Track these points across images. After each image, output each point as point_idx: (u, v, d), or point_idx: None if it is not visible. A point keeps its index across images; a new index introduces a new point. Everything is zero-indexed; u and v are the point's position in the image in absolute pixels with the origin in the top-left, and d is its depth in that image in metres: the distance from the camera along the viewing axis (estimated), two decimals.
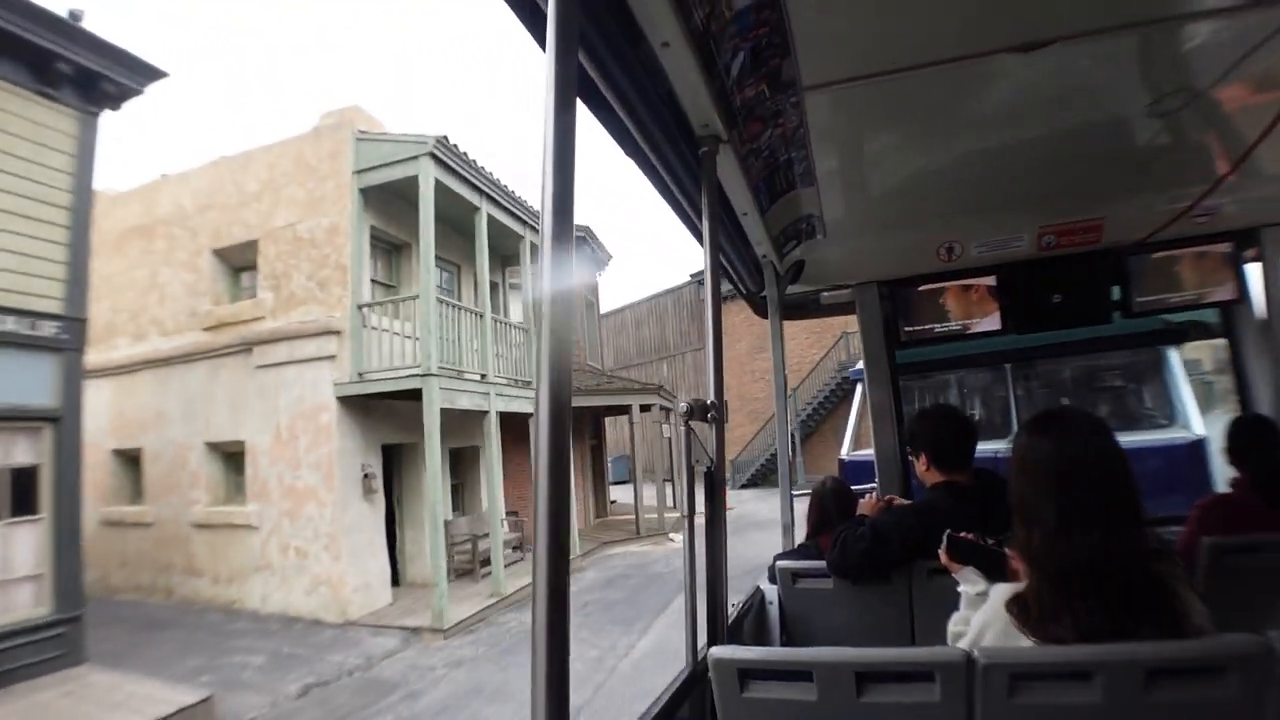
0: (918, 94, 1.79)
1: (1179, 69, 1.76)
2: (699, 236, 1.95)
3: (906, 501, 2.38)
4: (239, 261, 10.72)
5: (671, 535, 15.74)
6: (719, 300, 1.82)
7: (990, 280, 2.82)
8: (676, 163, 1.71)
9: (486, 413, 10.25)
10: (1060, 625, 1.04)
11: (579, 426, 17.03)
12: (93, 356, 12.15)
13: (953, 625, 1.43)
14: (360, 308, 9.41)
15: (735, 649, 1.31)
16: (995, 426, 5.95)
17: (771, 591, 2.34)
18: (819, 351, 22.76)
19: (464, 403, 9.80)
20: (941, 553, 1.55)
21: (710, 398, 1.73)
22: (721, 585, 1.74)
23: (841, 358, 21.36)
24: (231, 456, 10.36)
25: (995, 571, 1.40)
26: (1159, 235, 2.55)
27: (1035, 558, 1.10)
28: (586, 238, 18.31)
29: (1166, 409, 5.31)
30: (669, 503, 20.32)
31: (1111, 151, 2.21)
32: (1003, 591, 1.17)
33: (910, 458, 2.23)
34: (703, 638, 1.66)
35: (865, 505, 2.34)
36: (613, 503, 20.21)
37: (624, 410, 16.83)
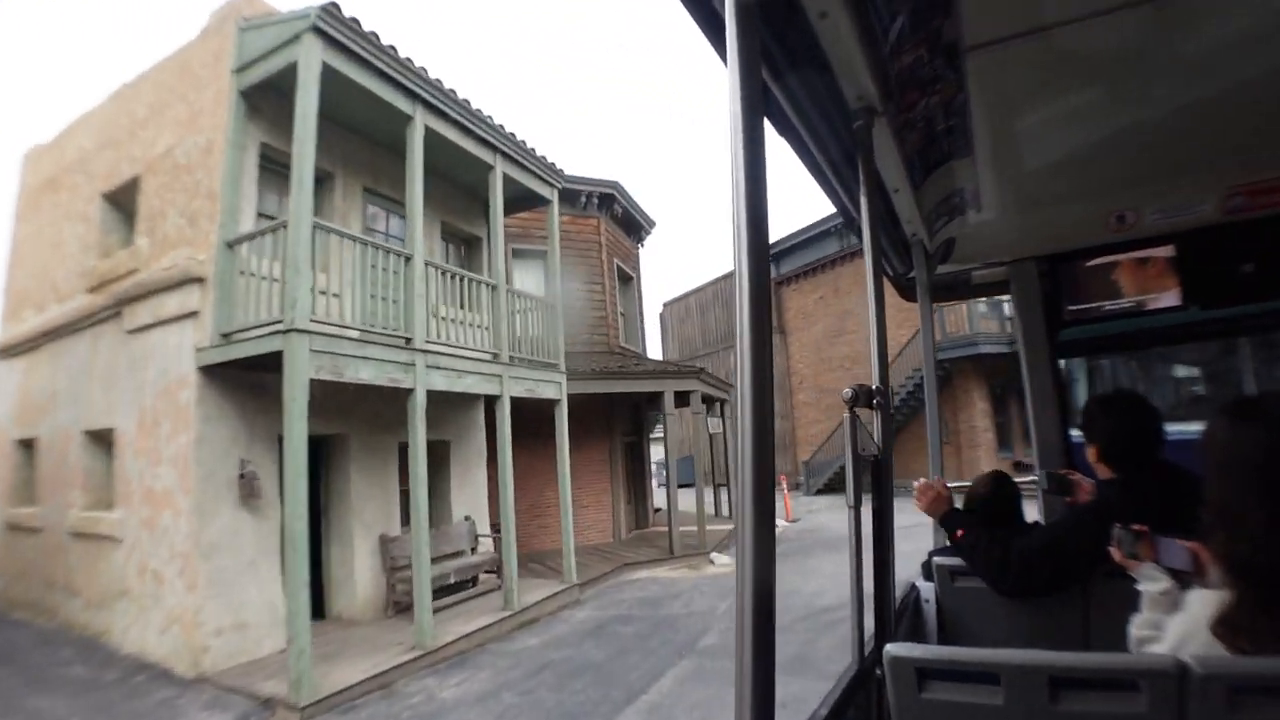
0: (1089, 46, 1.61)
1: None
2: (848, 217, 2.06)
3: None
4: (129, 204, 8.37)
5: (714, 557, 12.37)
6: (881, 283, 1.77)
7: (1169, 251, 2.52)
8: (829, 138, 1.66)
9: (462, 397, 7.34)
10: (1276, 645, 0.90)
11: (600, 418, 13.96)
12: (8, 330, 10.47)
13: (1136, 629, 1.29)
14: (231, 245, 6.74)
15: (913, 646, 1.25)
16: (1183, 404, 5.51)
17: (928, 589, 2.17)
18: (907, 331, 18.67)
19: (407, 381, 7.02)
20: (1113, 549, 1.43)
21: (875, 383, 1.63)
22: (889, 577, 1.66)
23: (936, 337, 17.22)
24: (107, 447, 7.99)
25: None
26: None
27: (1238, 566, 0.97)
28: (616, 194, 15.24)
29: None
30: (720, 510, 16.97)
31: None
32: (1204, 603, 1.05)
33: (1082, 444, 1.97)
34: (868, 634, 1.57)
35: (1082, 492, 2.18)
36: (656, 511, 16.99)
37: (682, 400, 13.67)
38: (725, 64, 0.91)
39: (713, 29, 1.13)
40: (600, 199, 15.02)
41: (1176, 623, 1.11)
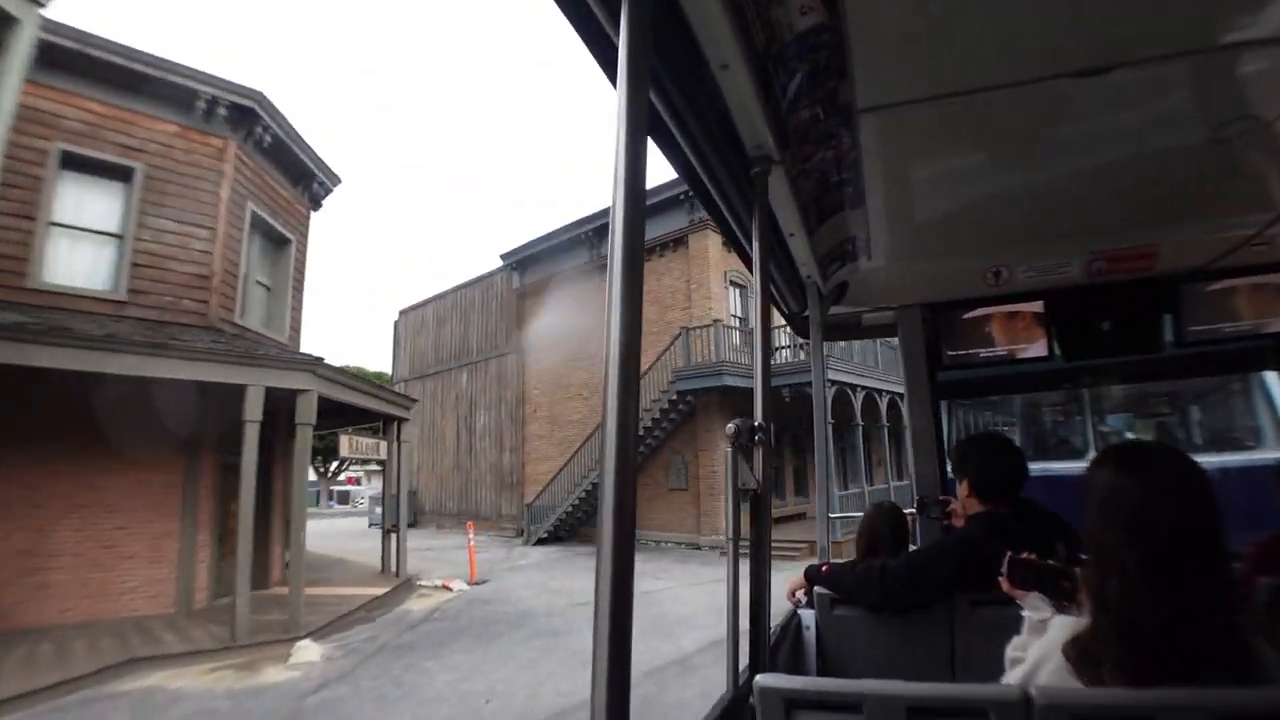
0: (973, 118, 1.75)
1: (1243, 96, 1.71)
2: (745, 257, 2.01)
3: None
4: None
5: (301, 646, 7.71)
6: (768, 321, 1.79)
7: (1038, 306, 2.69)
8: (728, 183, 1.68)
9: None
10: (1123, 675, 0.97)
11: (165, 421, 8.82)
12: None
13: (1011, 650, 1.31)
14: None
15: (782, 677, 1.26)
16: (1046, 447, 5.88)
17: (809, 616, 2.17)
18: (645, 357, 15.82)
19: None
20: (1002, 579, 1.41)
21: (758, 420, 1.67)
22: (765, 609, 1.71)
23: (678, 364, 14.42)
24: None
25: (1063, 594, 1.29)
26: (1216, 264, 2.44)
27: (1106, 603, 1.02)
28: (261, 112, 10.49)
29: (1251, 427, 4.88)
30: (390, 564, 12.02)
31: (1169, 177, 2.11)
32: (1061, 627, 1.14)
33: (954, 480, 2.14)
34: (744, 662, 1.59)
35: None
36: (288, 566, 11.83)
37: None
38: (614, 84, 0.94)
39: (607, 59, 1.13)
40: (234, 113, 10.22)
41: (1037, 645, 1.19)
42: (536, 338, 18.99)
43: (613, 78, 0.95)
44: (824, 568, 2.11)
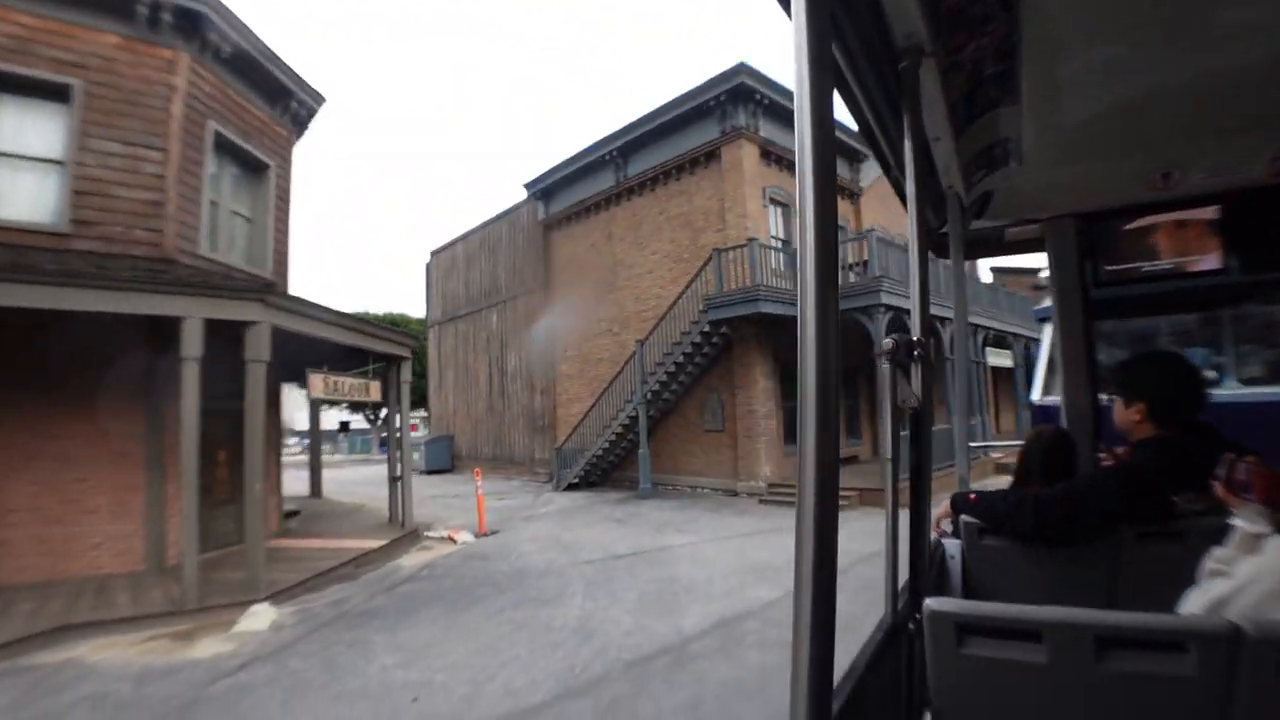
0: None
1: None
2: (888, 164, 1.94)
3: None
4: None
5: (255, 611, 6.76)
6: (925, 233, 1.71)
7: (1213, 212, 2.41)
8: (874, 82, 1.55)
9: None
10: None
11: (121, 360, 7.86)
12: None
13: (1211, 561, 1.23)
14: None
15: (954, 601, 1.23)
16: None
17: (954, 546, 2.07)
18: (677, 287, 14.05)
19: None
20: (1217, 483, 1.34)
21: (916, 335, 1.57)
22: (926, 532, 1.65)
23: (708, 290, 12.66)
24: None
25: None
26: None
27: None
28: (214, 18, 9.11)
29: None
30: (399, 513, 11.01)
31: None
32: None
33: (1112, 404, 1.97)
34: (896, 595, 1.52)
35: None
36: (289, 515, 11.08)
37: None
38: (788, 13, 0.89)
39: None
40: (182, 20, 8.90)
41: (1248, 564, 1.10)
42: (564, 271, 17.51)
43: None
44: (972, 496, 2.00)
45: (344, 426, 42.38)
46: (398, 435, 11.10)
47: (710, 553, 8.22)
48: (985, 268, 23.79)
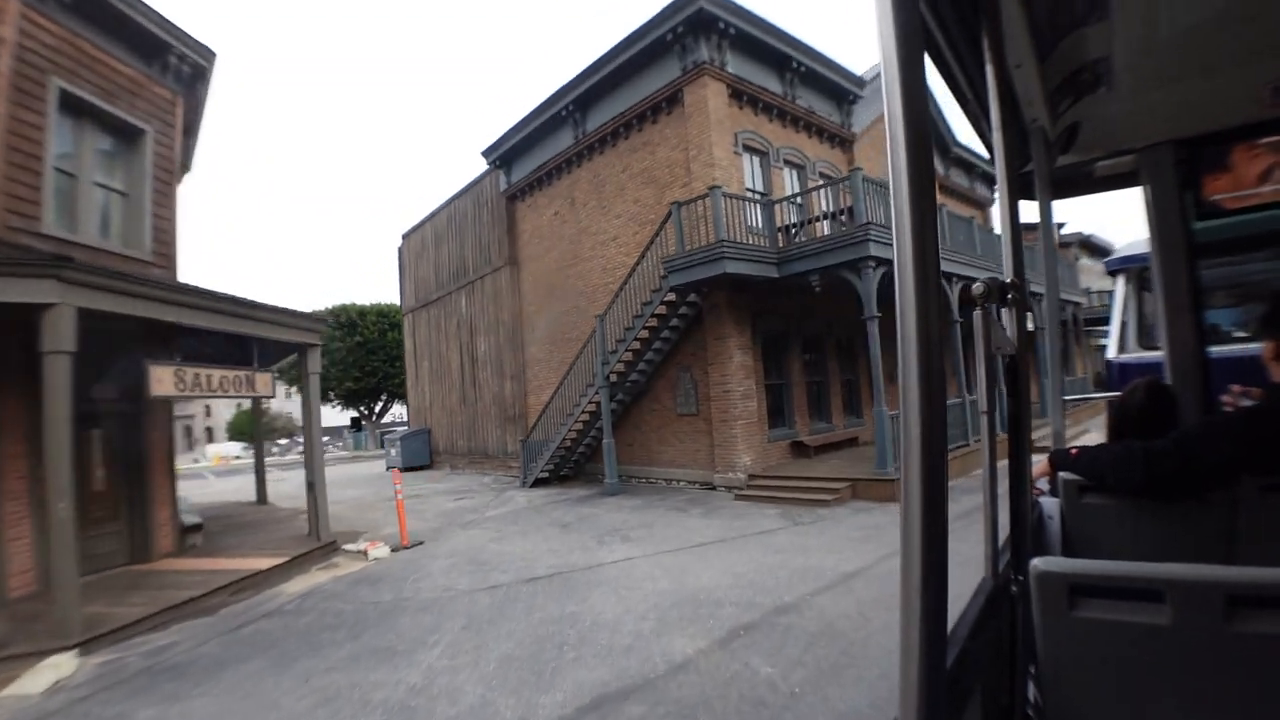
0: None
1: None
2: (965, 98, 1.71)
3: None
4: None
5: (56, 662, 5.23)
6: (1014, 169, 1.61)
7: None
8: (947, 5, 1.39)
9: None
10: None
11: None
12: None
13: None
14: None
15: (1065, 561, 1.13)
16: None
17: (1051, 505, 1.92)
18: (630, 254, 12.18)
19: None
20: None
21: (1009, 276, 1.50)
22: (1027, 490, 1.55)
23: (667, 250, 10.78)
24: None
25: None
26: None
27: None
28: None
29: None
30: (317, 532, 9.20)
31: None
32: None
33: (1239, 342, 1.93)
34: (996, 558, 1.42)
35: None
36: (190, 529, 9.57)
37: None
38: None
39: None
40: None
41: None
42: (531, 244, 15.76)
43: None
44: (1072, 450, 1.88)
45: (355, 423, 41.61)
46: (332, 442, 9.53)
47: (644, 574, 6.48)
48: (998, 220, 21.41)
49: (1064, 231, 27.77)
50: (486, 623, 5.42)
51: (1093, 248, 28.82)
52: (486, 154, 16.19)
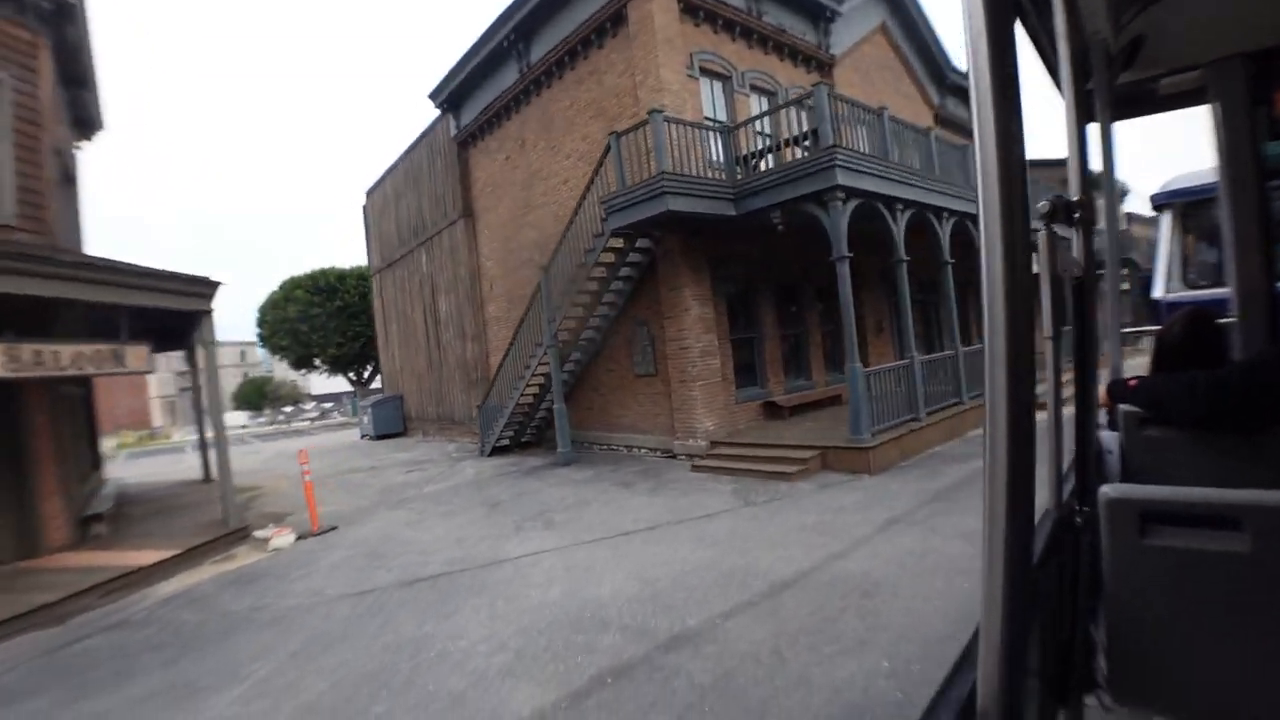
0: None
1: None
2: (1023, 8, 1.58)
3: None
4: None
5: None
6: (1080, 80, 1.57)
7: None
8: None
9: None
10: None
11: None
12: None
13: None
14: None
15: (1137, 487, 1.11)
16: None
17: (1110, 439, 1.82)
18: (571, 192, 10.78)
19: None
20: None
21: (1075, 194, 1.41)
22: (1093, 416, 1.52)
23: (607, 189, 9.39)
24: None
25: None
26: None
27: None
28: None
29: None
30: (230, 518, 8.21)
31: None
32: None
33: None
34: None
35: None
36: (90, 520, 8.62)
37: None
38: None
39: None
40: None
41: None
42: (483, 194, 14.37)
43: None
44: (1131, 381, 1.78)
45: (354, 391, 40.96)
46: (210, 414, 8.45)
47: (542, 575, 5.38)
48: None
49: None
50: (323, 648, 4.36)
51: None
52: (433, 96, 14.65)
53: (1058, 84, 1.90)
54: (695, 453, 9.51)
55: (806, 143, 8.79)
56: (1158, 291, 5.16)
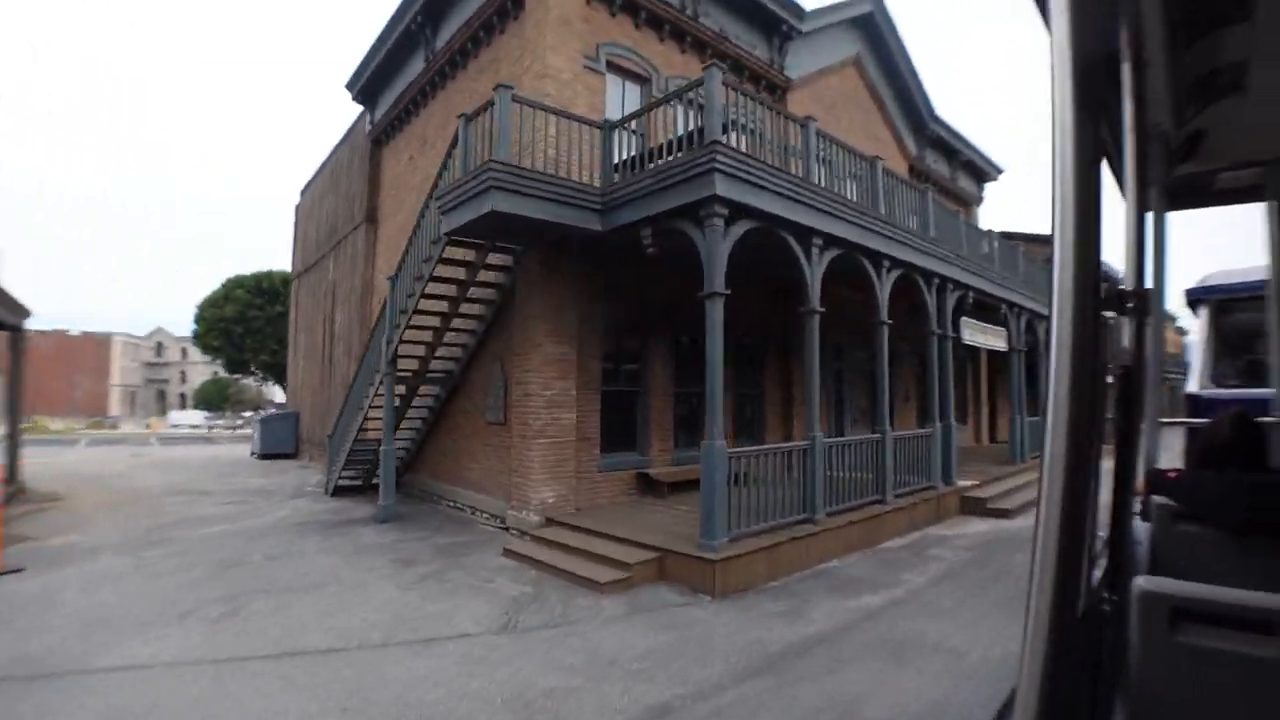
0: None
1: None
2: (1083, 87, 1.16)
3: None
4: None
5: None
6: (1143, 170, 1.57)
7: None
8: None
9: None
10: None
11: None
12: None
13: None
14: None
15: (1170, 581, 1.05)
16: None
17: (1140, 530, 1.75)
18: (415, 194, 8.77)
19: None
20: None
21: (1129, 283, 1.41)
22: (1128, 508, 1.42)
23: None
24: None
25: None
26: None
27: None
28: None
29: None
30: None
31: None
32: None
33: None
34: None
35: None
36: None
37: None
38: None
39: None
40: None
41: None
42: (389, 197, 12.44)
43: None
44: (1171, 474, 1.74)
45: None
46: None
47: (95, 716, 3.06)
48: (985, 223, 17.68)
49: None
50: None
51: None
52: (349, 87, 12.90)
53: (1115, 172, 1.78)
54: (526, 528, 7.17)
55: (681, 143, 6.71)
56: (1194, 386, 4.88)
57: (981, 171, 17.30)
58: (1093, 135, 0.73)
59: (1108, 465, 1.55)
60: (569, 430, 7.51)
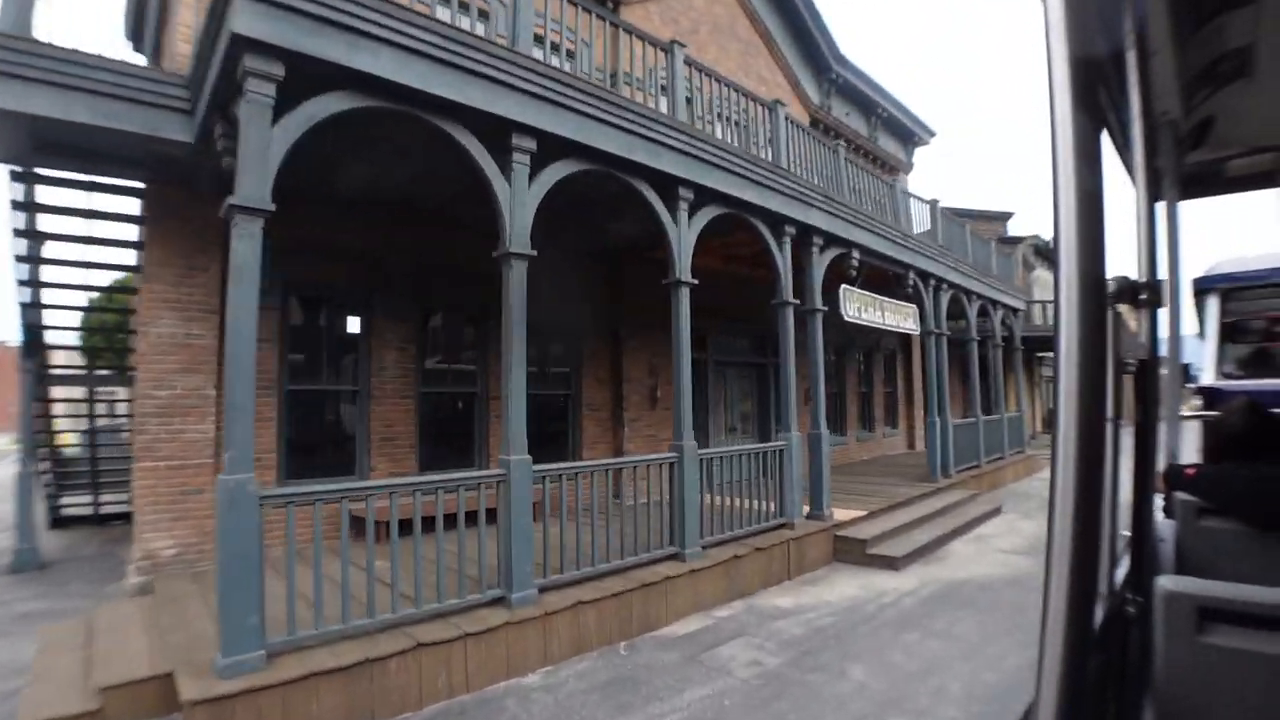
0: None
1: None
2: (1101, 81, 1.25)
3: None
4: None
5: None
6: (1152, 159, 1.49)
7: None
8: None
9: None
10: None
11: None
12: None
13: None
14: None
15: (1196, 581, 1.02)
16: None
17: (1165, 528, 1.68)
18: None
19: None
20: None
21: (1142, 274, 1.35)
22: (1149, 504, 1.35)
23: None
24: None
25: None
26: None
27: None
28: None
29: None
30: None
31: None
32: None
33: None
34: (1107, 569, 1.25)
35: None
36: None
37: None
38: None
39: None
40: None
41: None
42: None
43: None
44: (1189, 470, 1.63)
45: None
46: None
47: None
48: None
49: (1012, 232, 21.30)
50: None
51: (1047, 254, 22.16)
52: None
53: (1125, 162, 1.72)
54: (146, 571, 4.71)
55: None
56: (1207, 378, 4.61)
57: (909, 132, 14.66)
58: (1093, 119, 0.66)
59: (1126, 464, 1.41)
60: (205, 445, 5.03)
